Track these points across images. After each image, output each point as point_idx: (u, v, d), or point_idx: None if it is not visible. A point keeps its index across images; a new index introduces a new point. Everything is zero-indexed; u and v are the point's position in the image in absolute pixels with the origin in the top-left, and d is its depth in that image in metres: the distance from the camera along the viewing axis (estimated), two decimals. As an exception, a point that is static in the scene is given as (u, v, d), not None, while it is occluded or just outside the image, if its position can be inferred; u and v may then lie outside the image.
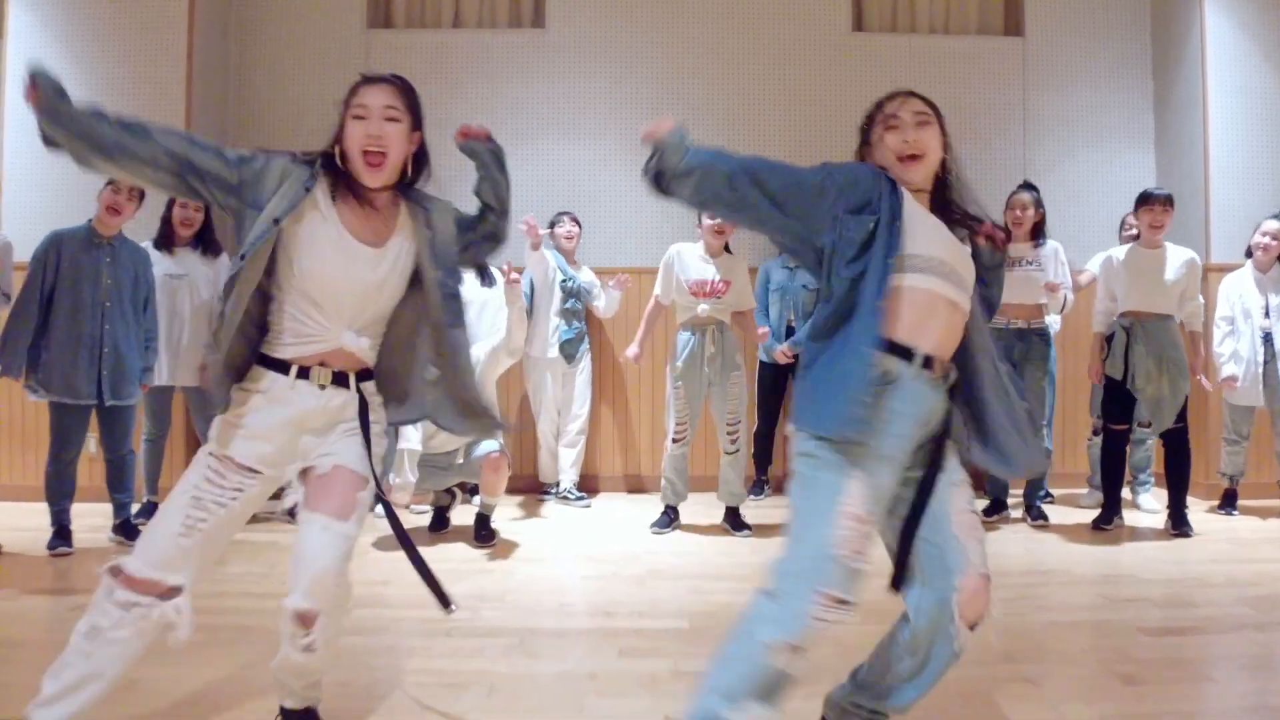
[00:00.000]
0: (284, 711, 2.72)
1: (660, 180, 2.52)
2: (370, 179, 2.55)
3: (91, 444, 5.45)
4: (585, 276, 6.94)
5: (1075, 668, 3.43)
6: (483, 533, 5.47)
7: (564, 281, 6.79)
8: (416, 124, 2.66)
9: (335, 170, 2.56)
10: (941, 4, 7.84)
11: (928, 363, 2.33)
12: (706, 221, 5.69)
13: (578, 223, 6.98)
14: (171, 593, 2.40)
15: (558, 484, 6.90)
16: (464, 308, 2.72)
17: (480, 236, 2.87)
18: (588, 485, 7.09)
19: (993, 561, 3.94)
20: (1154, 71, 7.66)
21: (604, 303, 6.88)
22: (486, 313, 6.30)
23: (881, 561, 2.37)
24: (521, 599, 4.32)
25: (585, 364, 6.99)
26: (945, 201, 2.59)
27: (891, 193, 2.41)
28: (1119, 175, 7.49)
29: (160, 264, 5.74)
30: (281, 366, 2.52)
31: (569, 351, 6.81)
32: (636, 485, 7.25)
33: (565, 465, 6.88)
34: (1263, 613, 4.08)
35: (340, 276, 2.50)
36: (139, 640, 2.41)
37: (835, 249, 2.36)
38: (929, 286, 2.36)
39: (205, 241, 5.98)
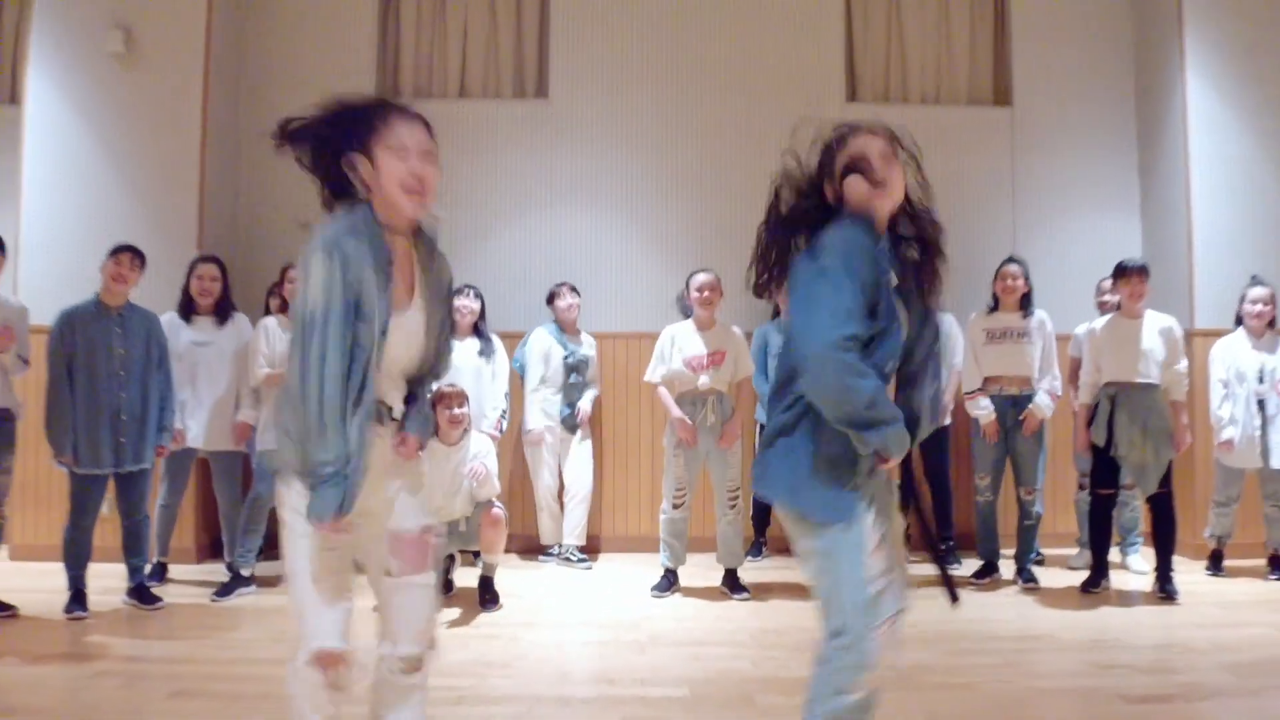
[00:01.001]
0: None
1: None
2: (413, 211, 2.58)
3: (103, 505, 5.62)
4: (586, 349, 7.12)
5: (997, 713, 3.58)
6: (486, 596, 5.63)
7: (565, 357, 6.98)
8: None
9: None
10: (933, 75, 8.14)
11: None
12: (694, 293, 5.92)
13: (576, 292, 7.16)
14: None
15: (559, 545, 7.06)
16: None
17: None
18: (589, 546, 7.22)
19: (985, 625, 4.11)
20: (1138, 140, 7.93)
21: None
22: (481, 381, 6.53)
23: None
24: (526, 665, 4.47)
25: (587, 432, 7.17)
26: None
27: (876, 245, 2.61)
28: (1105, 241, 7.69)
29: (184, 333, 6.02)
30: None
31: (570, 424, 7.01)
32: (637, 545, 7.37)
33: (570, 528, 7.01)
34: (1243, 679, 4.23)
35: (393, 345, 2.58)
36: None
37: None
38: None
39: (223, 309, 6.21)
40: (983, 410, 6.21)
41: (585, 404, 7.03)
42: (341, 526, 2.39)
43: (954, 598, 2.72)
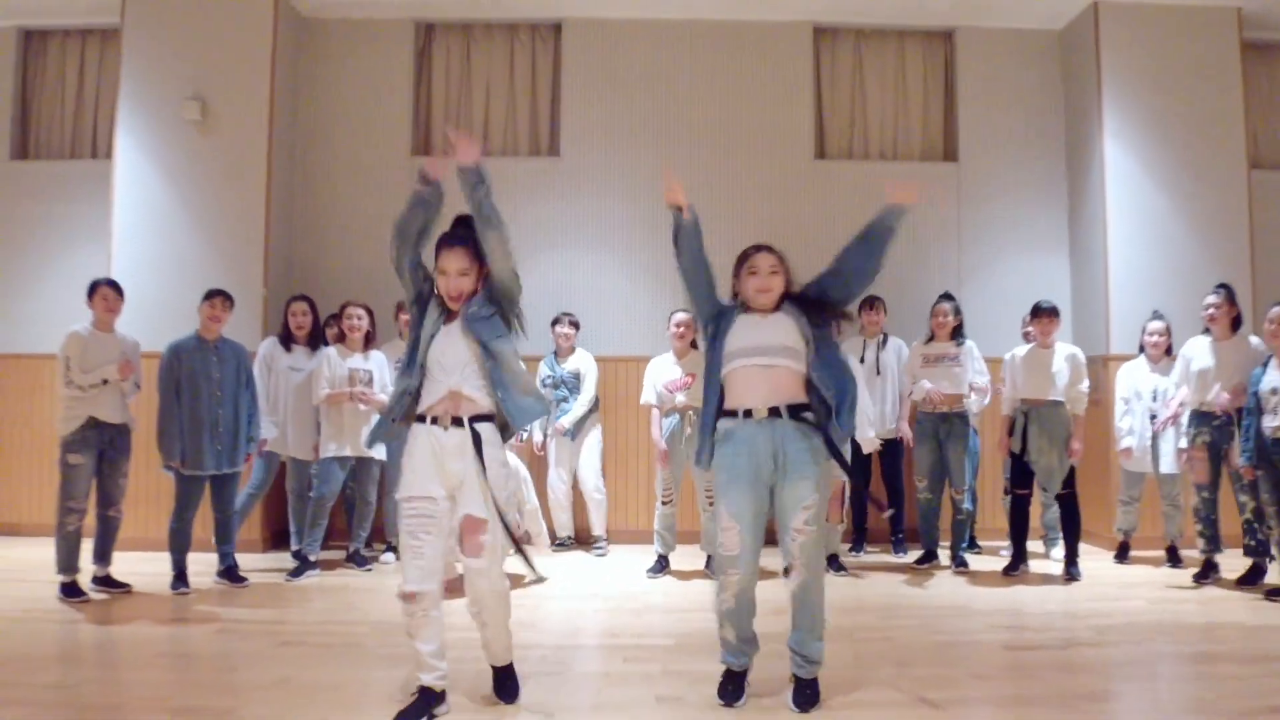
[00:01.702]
0: (495, 669, 4.24)
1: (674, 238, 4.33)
2: (452, 307, 4.08)
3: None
4: (572, 366, 8.19)
5: (943, 667, 4.79)
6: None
7: (545, 378, 8.14)
8: (481, 263, 4.08)
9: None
10: (890, 135, 9.33)
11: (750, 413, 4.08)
12: (672, 328, 7.27)
13: (575, 325, 8.26)
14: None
15: (569, 537, 8.31)
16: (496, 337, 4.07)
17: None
18: (581, 535, 8.44)
19: (916, 599, 5.41)
20: (1068, 191, 9.12)
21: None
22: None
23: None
24: (548, 623, 5.70)
25: (594, 435, 8.29)
26: (793, 299, 4.31)
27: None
28: (1039, 279, 8.86)
29: (282, 359, 7.38)
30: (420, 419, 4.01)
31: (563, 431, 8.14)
32: (638, 538, 8.45)
33: (596, 521, 8.26)
34: (1102, 635, 5.42)
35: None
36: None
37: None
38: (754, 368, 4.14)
39: (315, 341, 7.56)
40: (921, 393, 7.40)
41: (565, 419, 8.11)
42: None
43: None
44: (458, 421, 3.96)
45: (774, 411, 4.13)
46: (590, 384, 8.23)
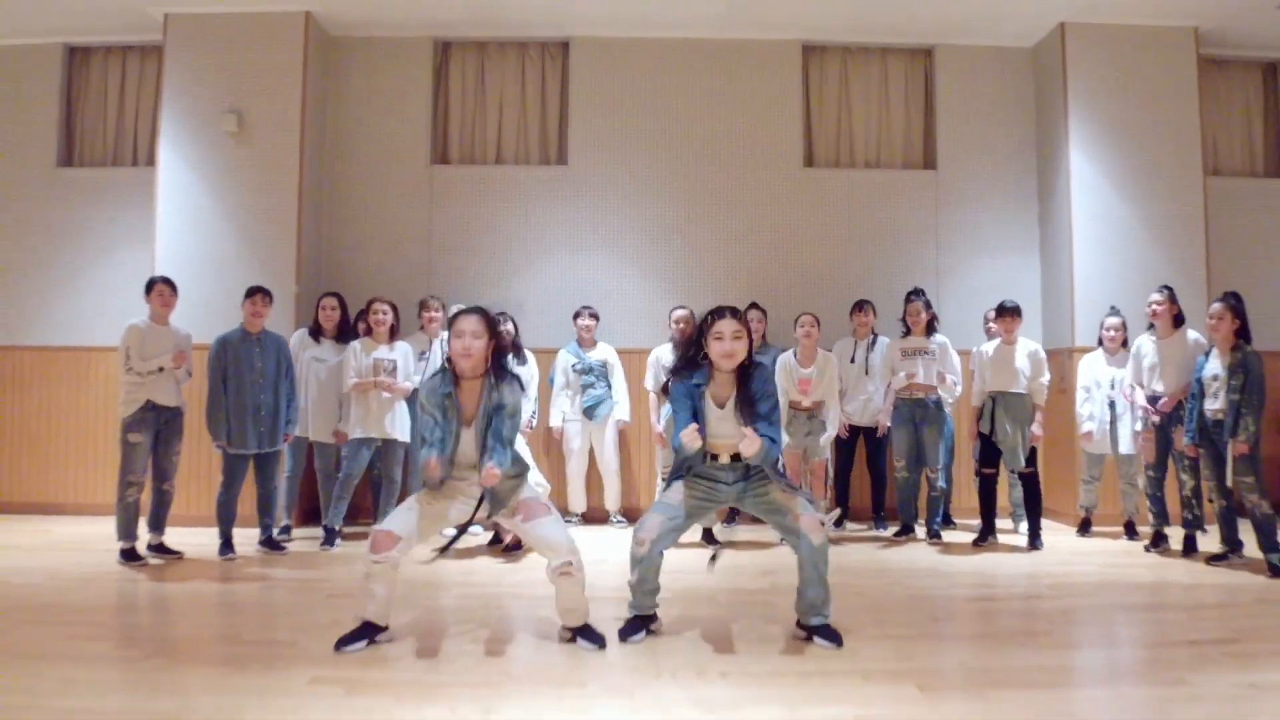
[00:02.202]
0: (572, 630, 4.85)
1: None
2: (460, 370, 4.73)
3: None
4: (598, 356, 8.90)
5: (907, 614, 5.49)
6: (518, 544, 7.50)
7: (574, 365, 8.85)
8: (493, 336, 4.78)
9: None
10: (874, 144, 10.05)
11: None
12: (673, 324, 8.05)
13: (595, 316, 8.92)
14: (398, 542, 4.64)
15: (581, 513, 9.02)
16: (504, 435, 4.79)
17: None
18: (601, 514, 9.12)
19: (892, 564, 6.12)
20: (1039, 196, 9.83)
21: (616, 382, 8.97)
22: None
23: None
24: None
25: (612, 420, 8.94)
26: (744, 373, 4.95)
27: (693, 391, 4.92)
28: (1011, 278, 9.59)
29: (310, 349, 8.06)
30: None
31: (591, 413, 8.82)
32: (635, 513, 9.08)
33: (610, 496, 8.99)
34: (1054, 590, 6.14)
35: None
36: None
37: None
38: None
39: (344, 334, 8.24)
40: (899, 383, 8.12)
41: (621, 414, 8.92)
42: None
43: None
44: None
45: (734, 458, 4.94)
46: (620, 374, 8.92)
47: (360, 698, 3.84)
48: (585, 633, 4.80)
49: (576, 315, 8.94)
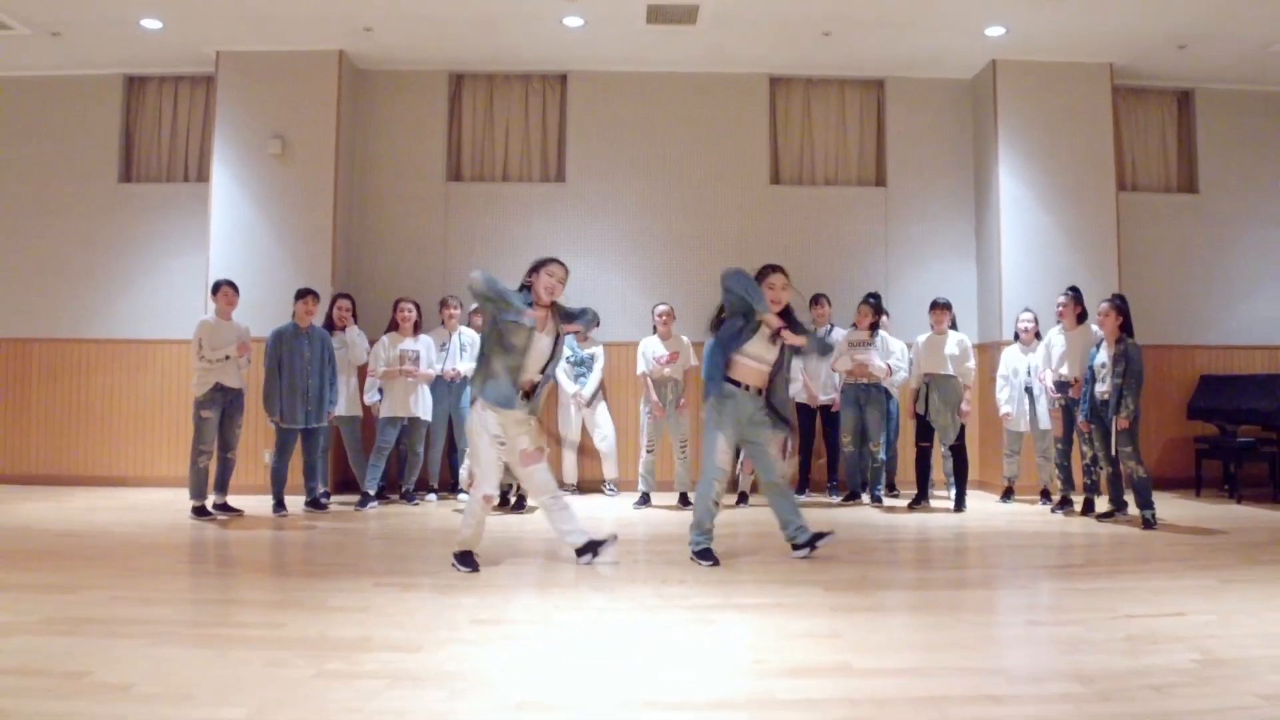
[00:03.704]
0: (578, 550, 6.21)
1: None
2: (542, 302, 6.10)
3: (267, 456, 8.92)
4: (589, 350, 10.19)
5: (830, 550, 6.88)
6: (521, 504, 8.95)
7: (569, 357, 10.14)
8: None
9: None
10: (832, 163, 11.42)
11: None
12: (656, 317, 9.45)
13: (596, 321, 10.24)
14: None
15: (574, 483, 10.39)
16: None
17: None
18: (592, 486, 10.49)
19: (840, 521, 7.53)
20: (975, 210, 11.21)
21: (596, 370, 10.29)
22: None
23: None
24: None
25: (603, 403, 10.29)
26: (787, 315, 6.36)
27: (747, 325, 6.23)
28: (951, 280, 10.96)
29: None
30: None
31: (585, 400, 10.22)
32: (633, 485, 10.44)
33: (607, 468, 10.32)
34: (963, 540, 7.53)
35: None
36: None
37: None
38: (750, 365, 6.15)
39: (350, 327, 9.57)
40: (846, 365, 9.46)
41: (585, 391, 10.14)
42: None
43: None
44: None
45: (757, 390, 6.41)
46: (600, 364, 10.19)
47: (411, 593, 5.25)
48: (588, 548, 6.15)
49: None
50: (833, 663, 3.92)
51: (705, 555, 6.29)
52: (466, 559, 5.97)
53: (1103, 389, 8.26)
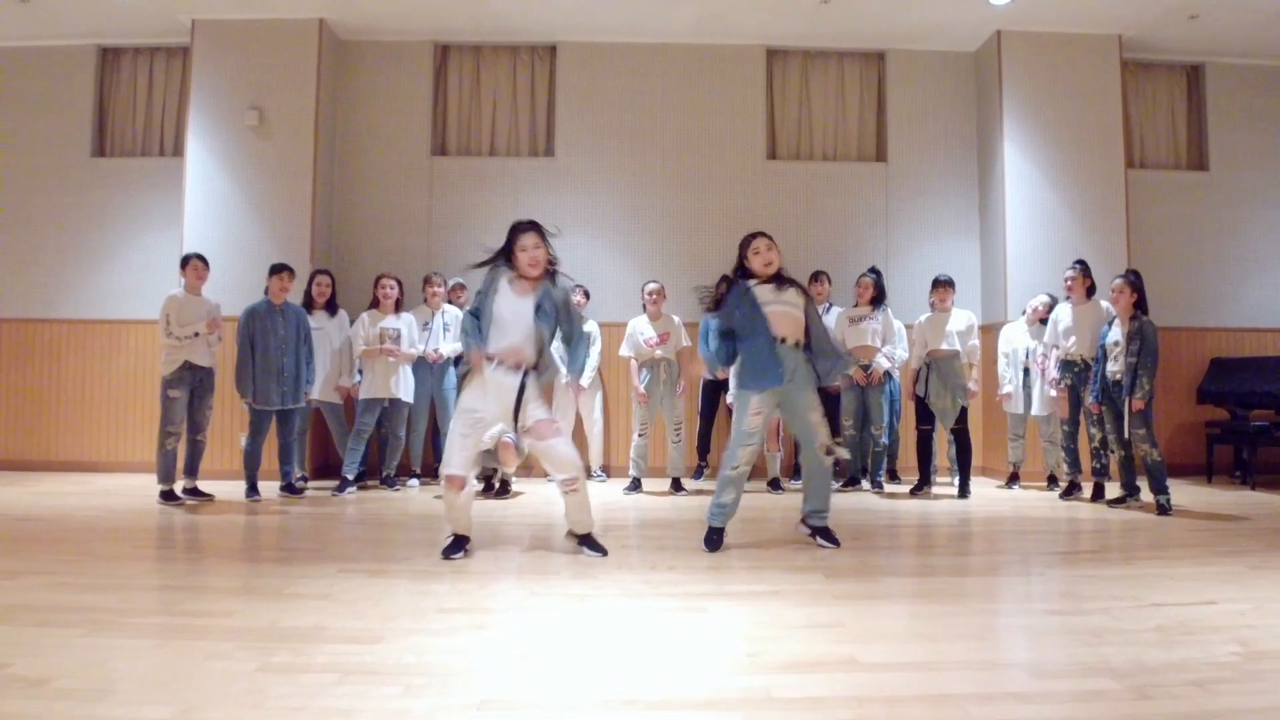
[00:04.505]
0: (578, 537, 5.82)
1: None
2: (528, 271, 5.69)
3: (243, 439, 8.53)
4: (584, 328, 9.84)
5: (858, 539, 6.52)
6: (506, 489, 8.58)
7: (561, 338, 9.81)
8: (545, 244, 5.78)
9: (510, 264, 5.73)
10: (831, 138, 11.06)
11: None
12: (646, 296, 9.05)
13: (586, 294, 9.86)
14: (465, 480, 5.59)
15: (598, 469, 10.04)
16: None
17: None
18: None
19: (841, 506, 7.13)
20: (979, 186, 10.86)
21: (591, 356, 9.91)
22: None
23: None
24: (547, 518, 7.45)
25: (596, 385, 9.96)
26: (780, 277, 5.99)
27: (744, 295, 5.79)
28: (953, 259, 10.62)
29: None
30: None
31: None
32: (616, 472, 10.23)
33: (593, 453, 9.99)
34: (965, 524, 7.17)
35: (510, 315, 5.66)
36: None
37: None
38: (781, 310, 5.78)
39: (331, 305, 9.19)
40: (850, 368, 9.13)
41: (581, 379, 9.80)
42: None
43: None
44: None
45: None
46: (598, 345, 9.83)
47: (378, 580, 4.87)
48: (588, 541, 5.75)
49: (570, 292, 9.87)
50: (836, 656, 3.54)
51: (711, 538, 5.97)
52: (452, 546, 5.63)
53: (1115, 369, 7.91)
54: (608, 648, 3.66)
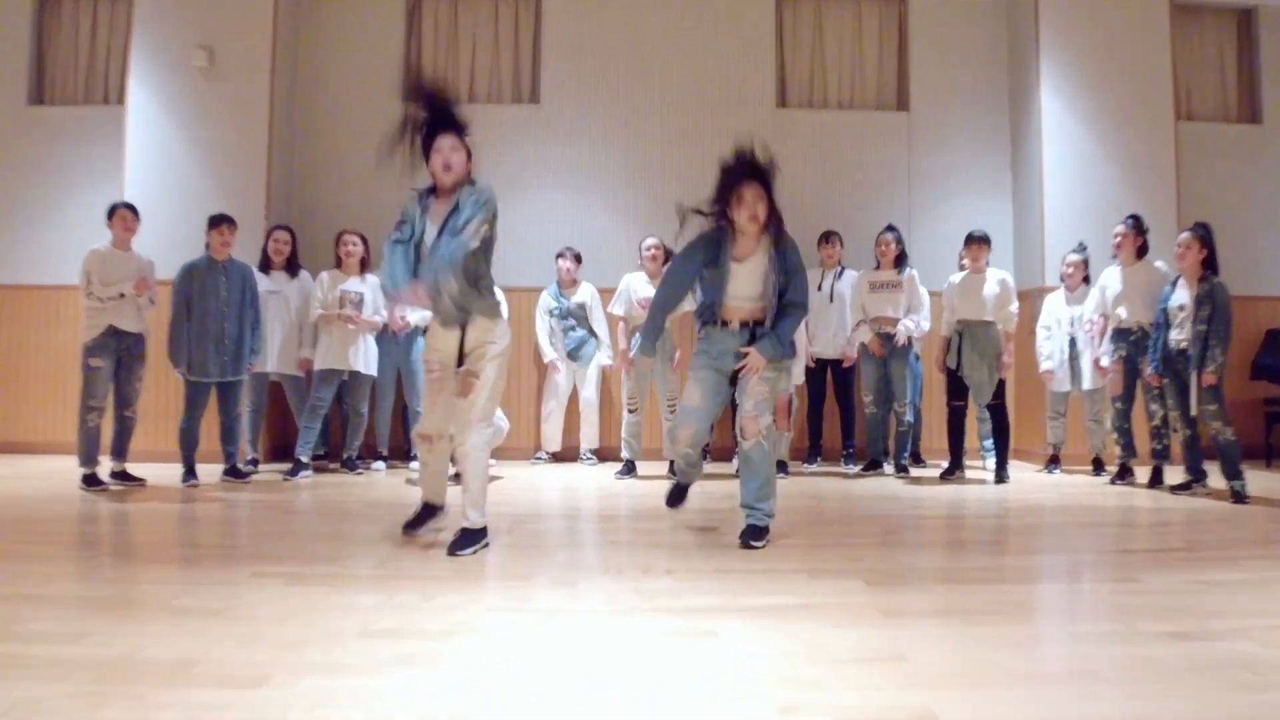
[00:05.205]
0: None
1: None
2: (442, 179, 4.61)
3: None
4: (577, 298, 8.80)
5: (864, 528, 5.50)
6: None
7: (552, 309, 8.81)
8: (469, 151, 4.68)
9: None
10: (847, 85, 10.00)
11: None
12: (644, 252, 8.01)
13: (578, 259, 8.84)
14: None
15: (553, 452, 8.99)
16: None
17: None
18: (571, 454, 9.10)
19: (861, 493, 6.08)
20: (1010, 138, 9.82)
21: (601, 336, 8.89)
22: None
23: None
24: (550, 498, 6.41)
25: (595, 360, 8.88)
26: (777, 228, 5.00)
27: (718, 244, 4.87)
28: (982, 219, 9.44)
29: (261, 283, 7.82)
30: None
31: (575, 355, 8.80)
32: (607, 454, 9.11)
33: (587, 435, 8.95)
34: (1021, 514, 6.16)
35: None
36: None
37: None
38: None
39: (292, 265, 8.12)
40: (866, 336, 8.13)
41: (603, 358, 8.82)
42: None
43: None
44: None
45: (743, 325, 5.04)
46: (600, 315, 8.83)
47: (297, 587, 3.82)
48: (461, 539, 4.56)
49: (559, 256, 8.88)
50: (910, 709, 2.49)
51: (674, 495, 5.55)
52: (415, 519, 4.97)
53: (1180, 337, 6.92)
54: (582, 697, 2.60)
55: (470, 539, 4.55)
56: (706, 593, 3.81)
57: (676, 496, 5.51)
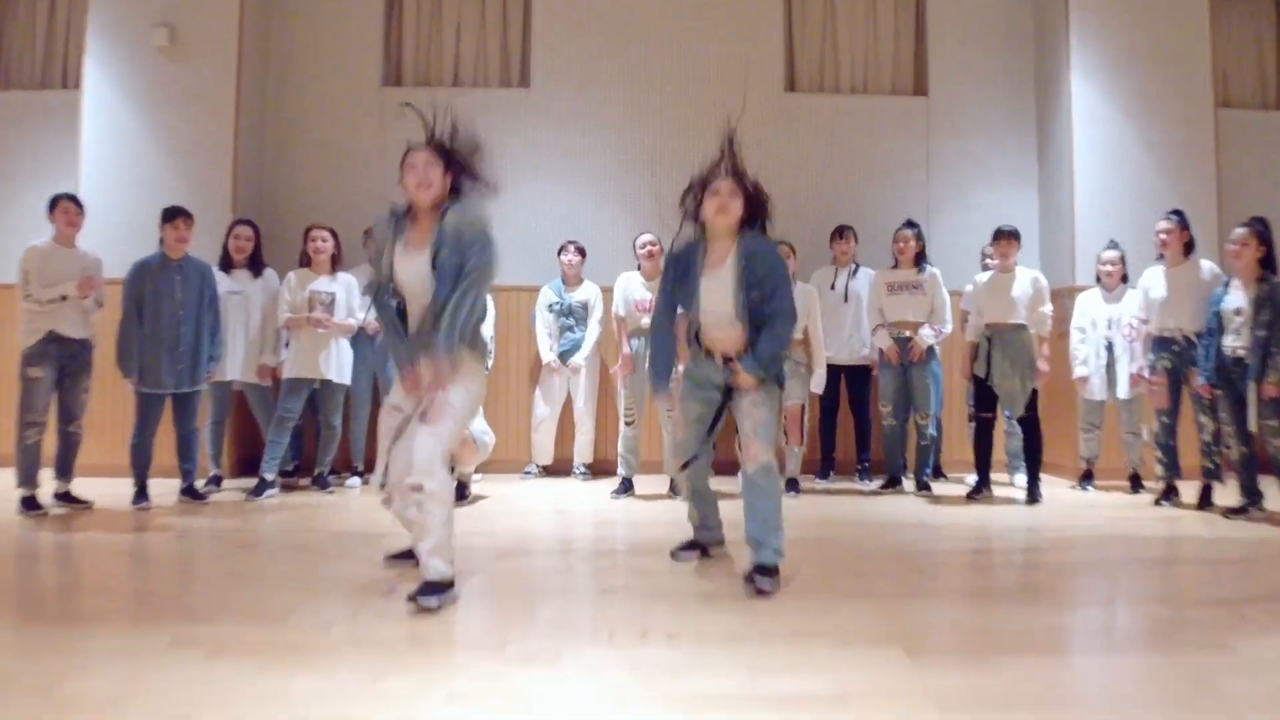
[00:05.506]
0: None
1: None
2: (417, 197, 4.17)
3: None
4: (580, 296, 8.14)
5: (891, 569, 4.83)
6: (463, 493, 6.75)
7: (553, 304, 8.14)
8: (448, 167, 4.22)
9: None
10: (861, 69, 9.31)
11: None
12: (639, 250, 7.36)
13: (582, 252, 8.19)
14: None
15: (545, 465, 8.32)
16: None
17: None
18: (566, 467, 8.39)
19: (880, 516, 5.41)
20: (1037, 126, 9.13)
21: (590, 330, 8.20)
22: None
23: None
24: (539, 519, 5.73)
25: (592, 365, 8.22)
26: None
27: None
28: (1007, 211, 8.74)
29: (222, 283, 7.14)
30: None
31: (566, 358, 8.09)
32: (603, 468, 8.41)
33: (579, 446, 8.26)
34: (1056, 544, 5.50)
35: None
36: None
37: None
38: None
39: (255, 263, 7.42)
40: (884, 341, 7.47)
41: (577, 358, 8.10)
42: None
43: None
44: None
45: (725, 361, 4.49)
46: (598, 317, 8.18)
47: (221, 662, 3.14)
48: (424, 589, 3.83)
49: (561, 250, 8.24)
50: None
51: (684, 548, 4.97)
52: (400, 554, 4.61)
53: (1236, 344, 6.27)
54: None
55: (434, 590, 3.84)
56: (716, 669, 3.14)
57: (686, 549, 4.93)
